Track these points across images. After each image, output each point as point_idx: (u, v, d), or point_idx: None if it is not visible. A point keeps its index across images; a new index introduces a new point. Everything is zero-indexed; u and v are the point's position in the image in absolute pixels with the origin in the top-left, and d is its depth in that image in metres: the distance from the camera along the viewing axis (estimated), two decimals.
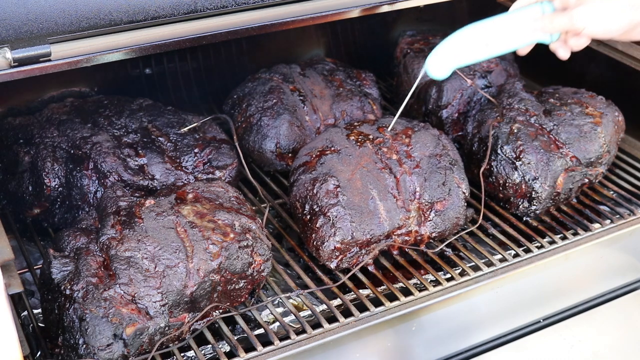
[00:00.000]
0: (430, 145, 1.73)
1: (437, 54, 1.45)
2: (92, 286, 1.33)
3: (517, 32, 1.40)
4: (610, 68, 2.12)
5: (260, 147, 1.90)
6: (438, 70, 1.46)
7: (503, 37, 1.41)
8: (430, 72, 1.47)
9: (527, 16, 1.38)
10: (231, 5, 1.44)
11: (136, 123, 1.78)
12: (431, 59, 1.46)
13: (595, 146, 1.79)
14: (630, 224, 1.77)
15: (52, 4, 1.28)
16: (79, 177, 1.66)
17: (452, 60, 1.45)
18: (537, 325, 1.71)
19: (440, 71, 1.46)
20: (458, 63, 1.46)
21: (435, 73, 1.47)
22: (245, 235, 1.47)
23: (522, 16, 1.39)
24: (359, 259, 1.61)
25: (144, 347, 1.35)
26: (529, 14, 1.38)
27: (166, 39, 1.41)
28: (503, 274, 1.61)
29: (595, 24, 1.33)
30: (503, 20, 1.41)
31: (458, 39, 1.44)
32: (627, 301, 1.78)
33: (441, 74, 1.47)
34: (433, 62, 1.46)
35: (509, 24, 1.40)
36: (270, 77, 2.04)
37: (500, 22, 1.40)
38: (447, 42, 1.44)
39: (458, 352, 1.63)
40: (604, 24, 1.33)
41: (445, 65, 1.45)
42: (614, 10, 1.31)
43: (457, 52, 1.44)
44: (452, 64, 1.46)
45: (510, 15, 1.41)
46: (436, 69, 1.46)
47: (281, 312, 1.55)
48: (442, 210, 1.66)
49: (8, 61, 1.26)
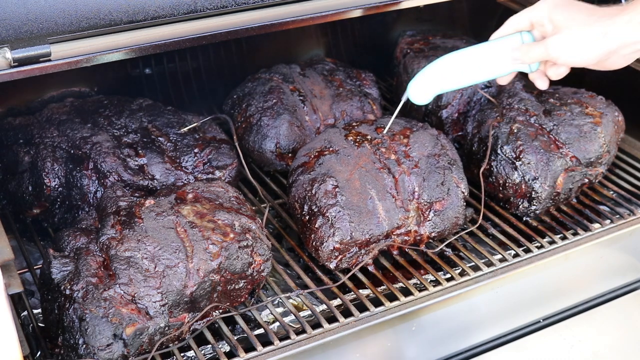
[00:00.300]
0: (428, 145, 1.73)
1: (418, 80, 1.49)
2: (92, 286, 1.33)
3: (497, 61, 1.42)
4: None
5: (260, 147, 1.90)
6: (420, 96, 1.50)
7: (483, 65, 1.44)
8: (412, 98, 1.52)
9: (507, 45, 1.40)
10: (231, 5, 1.44)
11: (136, 123, 1.78)
12: (413, 86, 1.50)
13: (595, 146, 1.79)
14: (630, 224, 1.77)
15: (52, 4, 1.28)
16: (79, 177, 1.66)
17: (433, 87, 1.49)
18: (537, 325, 1.71)
19: (421, 97, 1.50)
20: (439, 89, 1.50)
21: (417, 99, 1.51)
22: (245, 235, 1.47)
23: (502, 45, 1.41)
24: (359, 259, 1.61)
25: (144, 347, 1.35)
26: (508, 43, 1.39)
27: (166, 39, 1.41)
28: (503, 274, 1.61)
29: (569, 52, 1.34)
30: (483, 49, 1.43)
31: (439, 66, 1.47)
32: (627, 301, 1.78)
33: (423, 100, 1.51)
34: (415, 88, 1.50)
35: (489, 53, 1.42)
36: (270, 77, 2.04)
37: (480, 50, 1.43)
38: (428, 70, 1.48)
39: (458, 352, 1.63)
40: (578, 53, 1.33)
41: (426, 91, 1.49)
42: (587, 39, 1.32)
43: (438, 79, 1.48)
44: (434, 90, 1.50)
45: (490, 44, 1.43)
46: (418, 95, 1.50)
47: (281, 312, 1.55)
48: (441, 210, 1.66)
49: (8, 61, 1.26)
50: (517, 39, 1.38)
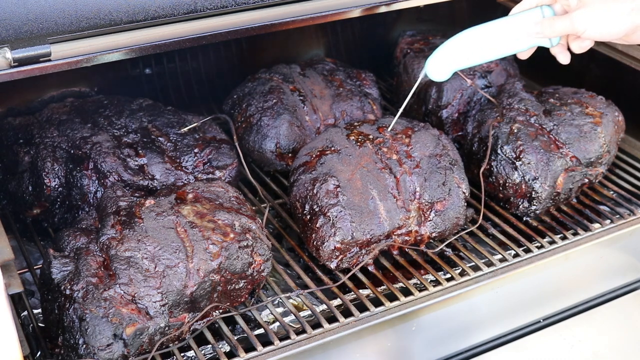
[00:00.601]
0: (430, 145, 1.73)
1: (437, 56, 1.46)
2: (92, 286, 1.33)
3: (517, 36, 1.40)
4: (610, 68, 2.12)
5: (260, 147, 1.90)
6: (438, 72, 1.47)
7: (503, 40, 1.41)
8: (430, 74, 1.48)
9: (528, 20, 1.38)
10: (231, 5, 1.44)
11: (136, 123, 1.78)
12: (431, 62, 1.47)
13: (595, 146, 1.79)
14: (630, 224, 1.77)
15: (52, 4, 1.28)
16: (79, 177, 1.66)
17: (452, 62, 1.46)
18: (537, 325, 1.71)
19: (440, 74, 1.47)
20: (458, 66, 1.47)
21: (435, 76, 1.48)
22: (245, 235, 1.47)
23: (523, 20, 1.39)
24: (359, 259, 1.61)
25: (144, 347, 1.35)
26: (529, 17, 1.38)
27: (166, 39, 1.41)
28: (503, 274, 1.61)
29: (596, 26, 1.33)
30: (503, 24, 1.41)
31: (458, 41, 1.44)
32: (627, 301, 1.78)
33: (441, 76, 1.48)
34: (433, 64, 1.47)
35: (509, 28, 1.40)
36: (270, 77, 2.04)
37: (501, 25, 1.41)
38: (447, 45, 1.45)
39: (458, 352, 1.63)
40: (605, 27, 1.33)
41: (445, 67, 1.46)
42: (615, 13, 1.31)
43: (457, 54, 1.45)
44: (452, 66, 1.47)
45: (510, 19, 1.41)
46: (436, 71, 1.47)
47: (281, 312, 1.55)
48: (442, 210, 1.66)
49: (8, 61, 1.26)
50: (538, 13, 1.36)
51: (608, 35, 1.35)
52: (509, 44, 1.41)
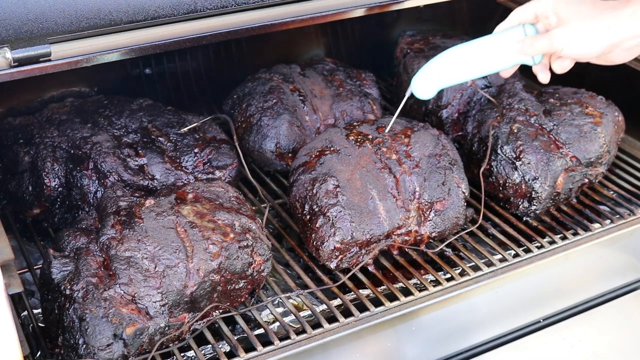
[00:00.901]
0: (429, 145, 1.73)
1: (422, 75, 1.49)
2: (92, 286, 1.33)
3: (501, 54, 1.42)
4: (610, 68, 2.12)
5: (260, 147, 1.90)
6: (423, 91, 1.51)
7: (487, 58, 1.44)
8: (416, 93, 1.52)
9: (510, 38, 1.40)
10: (231, 5, 1.44)
11: (136, 123, 1.78)
12: (416, 81, 1.50)
13: (595, 146, 1.79)
14: (630, 224, 1.77)
15: (52, 4, 1.28)
16: (79, 177, 1.66)
17: (437, 81, 1.49)
18: (537, 325, 1.71)
19: (425, 92, 1.51)
20: (443, 84, 1.50)
21: (421, 94, 1.52)
22: (245, 235, 1.47)
23: (505, 38, 1.41)
24: (359, 259, 1.61)
25: (144, 347, 1.35)
26: (512, 36, 1.40)
27: (166, 39, 1.41)
28: (503, 274, 1.61)
29: (574, 45, 1.35)
30: (487, 42, 1.43)
31: (442, 60, 1.47)
32: (627, 301, 1.78)
33: (426, 94, 1.52)
34: (418, 83, 1.50)
35: (493, 46, 1.42)
36: (270, 77, 2.04)
37: (484, 43, 1.43)
38: (432, 64, 1.48)
39: (458, 352, 1.63)
40: (582, 45, 1.34)
41: (430, 86, 1.50)
42: (591, 32, 1.33)
43: (442, 73, 1.48)
44: (437, 85, 1.50)
45: (493, 37, 1.43)
46: (422, 90, 1.51)
47: (281, 312, 1.55)
48: (441, 210, 1.66)
49: (8, 61, 1.26)
50: (520, 32, 1.38)
51: (585, 53, 1.36)
52: (492, 62, 1.44)
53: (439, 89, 1.51)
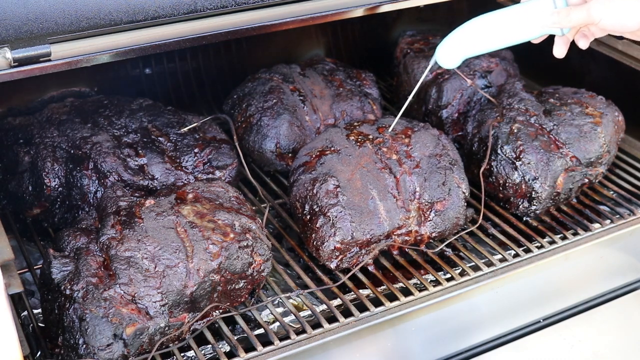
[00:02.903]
0: (430, 145, 1.73)
1: (448, 43, 1.44)
2: (92, 286, 1.33)
3: (529, 24, 1.38)
4: (610, 68, 2.12)
5: (260, 147, 1.90)
6: (448, 59, 1.45)
7: (515, 28, 1.39)
8: (440, 61, 1.46)
9: (541, 9, 1.36)
10: (231, 5, 1.44)
11: (136, 123, 1.78)
12: (441, 48, 1.45)
13: (595, 146, 1.79)
14: (630, 224, 1.77)
15: (52, 4, 1.28)
16: (79, 177, 1.66)
17: (463, 50, 1.44)
18: (537, 325, 1.71)
19: (450, 61, 1.45)
20: (469, 53, 1.45)
21: (446, 63, 1.46)
22: (245, 235, 1.47)
23: (535, 8, 1.37)
24: (359, 259, 1.61)
25: (144, 347, 1.35)
26: (541, 6, 1.36)
27: (166, 39, 1.41)
28: (503, 274, 1.61)
29: (612, 18, 1.32)
30: (515, 12, 1.39)
31: (469, 28, 1.42)
32: (627, 301, 1.78)
33: (451, 63, 1.46)
34: (443, 51, 1.45)
35: (522, 16, 1.38)
36: (270, 77, 2.04)
37: (513, 13, 1.39)
38: (458, 32, 1.43)
39: (458, 352, 1.63)
40: (621, 18, 1.31)
41: (455, 55, 1.44)
42: (631, 6, 1.31)
43: (468, 41, 1.43)
44: (463, 53, 1.45)
45: (523, 7, 1.39)
46: (446, 58, 1.45)
47: (281, 312, 1.55)
48: (442, 210, 1.66)
49: (8, 61, 1.26)
50: (550, 3, 1.35)
51: (623, 26, 1.33)
52: (520, 32, 1.39)
53: (464, 58, 1.46)
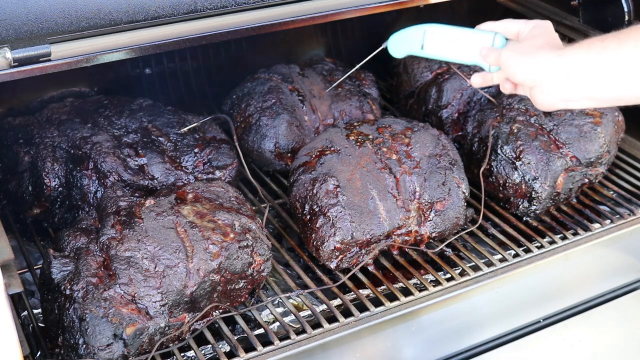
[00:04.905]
0: (430, 145, 1.73)
1: (399, 35, 1.53)
2: (92, 286, 1.33)
3: (468, 50, 1.45)
4: None
5: (259, 146, 1.90)
6: (395, 49, 1.54)
7: (454, 46, 1.47)
8: (389, 47, 1.56)
9: (479, 39, 1.43)
10: (231, 5, 1.44)
11: (136, 123, 1.78)
12: (393, 38, 1.54)
13: (595, 146, 1.79)
14: (630, 224, 1.77)
15: (52, 4, 1.28)
16: (79, 177, 1.66)
17: (409, 46, 1.52)
18: (537, 325, 1.71)
19: (396, 52, 1.55)
20: (413, 51, 1.53)
21: (393, 51, 1.55)
22: (245, 235, 1.47)
23: (475, 37, 1.45)
24: (359, 259, 1.61)
25: (144, 347, 1.35)
26: (481, 38, 1.42)
27: (166, 39, 1.41)
28: (503, 274, 1.61)
29: (511, 67, 1.32)
30: (461, 33, 1.46)
31: (419, 30, 1.50)
32: (627, 301, 1.78)
33: (397, 54, 1.55)
34: (393, 41, 1.54)
35: (466, 39, 1.46)
36: (269, 77, 2.04)
37: (459, 33, 1.46)
38: (410, 30, 1.51)
39: (458, 352, 1.63)
40: (513, 68, 1.31)
41: (402, 47, 1.53)
42: (523, 59, 1.29)
43: (416, 41, 1.50)
44: (408, 49, 1.53)
45: (469, 32, 1.46)
46: (394, 48, 1.54)
47: (281, 312, 1.55)
48: (442, 210, 1.66)
49: (8, 61, 1.26)
50: (490, 38, 1.41)
51: (513, 77, 1.32)
52: (458, 51, 1.47)
53: (408, 54, 1.54)
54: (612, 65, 1.18)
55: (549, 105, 1.30)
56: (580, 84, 1.23)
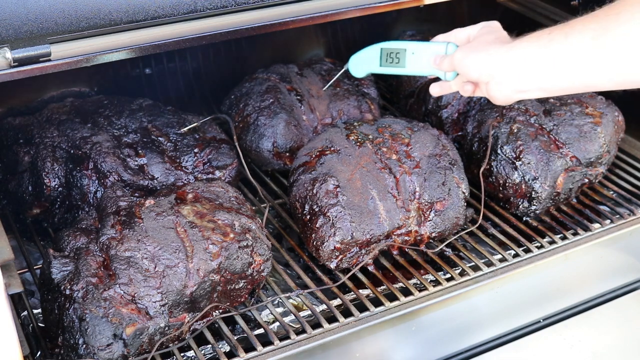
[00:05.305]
0: (429, 145, 1.73)
1: (357, 57, 1.59)
2: (92, 286, 1.33)
3: (421, 61, 1.49)
4: None
5: (257, 146, 1.90)
6: (356, 70, 1.60)
7: (410, 60, 1.51)
8: (350, 69, 1.61)
9: (432, 50, 1.47)
10: (231, 5, 1.44)
11: (136, 123, 1.78)
12: (352, 59, 1.60)
13: (595, 146, 1.79)
14: (630, 224, 1.77)
15: (52, 4, 1.28)
16: (79, 177, 1.66)
17: (367, 66, 1.58)
18: (537, 325, 1.71)
19: (356, 72, 1.60)
20: (372, 70, 1.58)
21: (354, 72, 1.61)
22: (245, 235, 1.47)
23: (428, 48, 1.48)
24: (359, 259, 1.61)
25: (143, 347, 1.35)
26: (434, 48, 1.47)
27: (166, 39, 1.41)
28: (503, 274, 1.61)
29: (462, 65, 1.36)
30: (414, 46, 1.50)
31: (374, 50, 1.55)
32: (627, 301, 1.78)
33: (358, 74, 1.61)
34: (353, 62, 1.60)
35: (417, 51, 1.49)
36: (267, 77, 2.04)
37: (412, 46, 1.50)
38: (366, 50, 1.57)
39: (458, 352, 1.63)
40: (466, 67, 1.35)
41: (361, 68, 1.59)
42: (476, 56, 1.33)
43: (372, 61, 1.56)
44: (367, 69, 1.59)
45: (422, 45, 1.49)
46: (355, 69, 1.60)
47: (281, 312, 1.55)
48: (441, 210, 1.66)
49: (8, 61, 1.26)
50: (442, 48, 1.44)
51: (467, 75, 1.36)
52: (414, 65, 1.51)
53: (369, 73, 1.59)
54: (559, 57, 1.23)
55: (505, 97, 1.34)
56: (531, 75, 1.28)
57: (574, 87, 1.26)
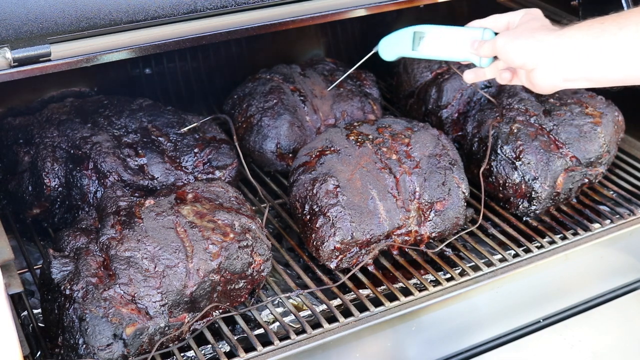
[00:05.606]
0: (429, 145, 1.73)
1: (391, 38, 1.55)
2: (92, 286, 1.33)
3: (459, 47, 1.47)
4: None
5: (260, 147, 1.90)
6: (386, 53, 1.56)
7: (445, 45, 1.49)
8: (380, 52, 1.57)
9: (468, 35, 1.45)
10: (231, 5, 1.44)
11: (136, 123, 1.78)
12: (383, 42, 1.56)
13: (595, 146, 1.79)
14: (630, 224, 1.77)
15: (52, 4, 1.28)
16: (79, 177, 1.66)
17: (400, 49, 1.54)
18: (537, 325, 1.71)
19: (387, 55, 1.57)
20: (404, 53, 1.55)
21: (384, 55, 1.57)
22: (245, 235, 1.47)
23: (464, 34, 1.46)
24: (359, 259, 1.61)
25: (143, 347, 1.35)
26: (471, 34, 1.45)
27: (166, 39, 1.41)
28: (503, 274, 1.61)
29: (509, 53, 1.33)
30: (450, 31, 1.48)
31: (408, 32, 1.52)
32: (627, 301, 1.78)
33: (388, 57, 1.57)
34: (385, 44, 1.56)
35: (453, 36, 1.48)
36: (270, 77, 2.04)
37: (448, 31, 1.48)
38: (400, 32, 1.53)
39: (458, 352, 1.63)
40: (510, 53, 1.33)
41: (392, 50, 1.56)
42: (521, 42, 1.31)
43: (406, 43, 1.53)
44: (399, 51, 1.55)
45: (458, 29, 1.48)
46: (386, 51, 1.56)
47: (281, 312, 1.55)
48: (441, 210, 1.66)
49: (8, 61, 1.26)
50: (479, 33, 1.43)
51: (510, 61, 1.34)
52: (449, 50, 1.49)
53: (399, 56, 1.56)
54: (611, 48, 1.20)
55: (550, 86, 1.32)
56: (579, 65, 1.25)
57: (622, 79, 1.24)
